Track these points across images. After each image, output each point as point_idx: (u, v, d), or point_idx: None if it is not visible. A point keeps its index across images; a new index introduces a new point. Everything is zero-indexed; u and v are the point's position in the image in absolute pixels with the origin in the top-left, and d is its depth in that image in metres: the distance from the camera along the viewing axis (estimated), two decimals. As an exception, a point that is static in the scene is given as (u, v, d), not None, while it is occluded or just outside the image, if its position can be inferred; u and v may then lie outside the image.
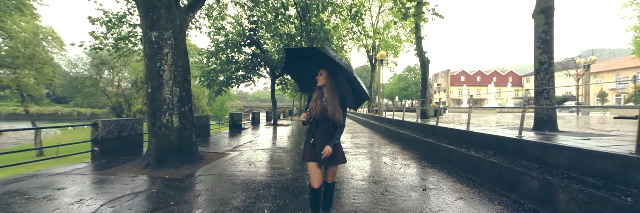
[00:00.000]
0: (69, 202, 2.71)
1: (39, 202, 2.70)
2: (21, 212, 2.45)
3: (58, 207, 2.57)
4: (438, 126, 5.91)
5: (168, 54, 4.17)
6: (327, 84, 1.94)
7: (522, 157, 3.31)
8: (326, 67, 1.94)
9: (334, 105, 1.93)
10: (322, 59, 1.88)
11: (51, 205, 2.63)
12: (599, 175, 2.43)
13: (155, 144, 4.22)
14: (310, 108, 1.99)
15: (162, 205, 2.68)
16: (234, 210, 2.55)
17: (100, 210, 2.51)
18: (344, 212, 2.54)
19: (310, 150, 2.00)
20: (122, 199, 2.82)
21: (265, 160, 4.97)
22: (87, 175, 3.76)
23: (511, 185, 2.98)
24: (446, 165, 4.41)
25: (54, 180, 3.47)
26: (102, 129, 4.73)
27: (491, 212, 2.54)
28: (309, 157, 2.00)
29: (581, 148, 2.70)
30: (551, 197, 2.47)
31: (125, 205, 2.65)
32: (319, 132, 1.98)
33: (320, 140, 1.96)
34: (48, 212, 2.45)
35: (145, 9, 4.04)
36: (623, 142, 3.20)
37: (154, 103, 4.19)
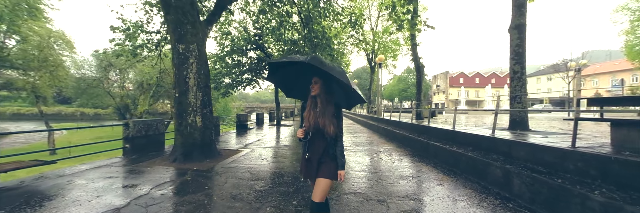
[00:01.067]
0: (125, 186, 3.37)
1: (103, 187, 3.36)
2: (94, 194, 3.12)
3: (121, 190, 3.23)
4: (429, 126, 6.57)
5: (193, 63, 4.84)
6: (321, 94, 1.78)
7: (493, 152, 3.97)
8: (320, 75, 1.76)
9: (328, 118, 1.77)
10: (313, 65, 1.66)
11: (112, 188, 3.29)
12: (546, 164, 3.08)
13: (181, 141, 4.88)
14: (305, 120, 1.84)
15: (199, 189, 3.33)
16: (258, 193, 3.20)
17: (152, 192, 3.16)
18: (345, 193, 3.20)
19: (305, 165, 1.85)
20: (165, 185, 3.48)
21: (274, 156, 5.63)
22: (127, 166, 4.43)
23: (482, 174, 3.64)
24: (433, 160, 5.07)
25: (104, 171, 4.13)
26: (133, 129, 5.39)
27: (462, 194, 3.19)
28: (304, 173, 1.87)
29: (536, 144, 3.35)
30: (509, 181, 3.13)
31: (170, 189, 3.31)
32: (314, 146, 1.83)
33: (316, 155, 1.81)
34: (113, 194, 3.11)
35: (174, 25, 4.71)
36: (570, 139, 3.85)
37: (180, 106, 4.86)
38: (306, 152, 1.83)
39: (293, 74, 1.95)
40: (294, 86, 2.06)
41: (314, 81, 1.78)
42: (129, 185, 3.45)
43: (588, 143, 3.29)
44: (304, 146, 1.86)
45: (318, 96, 1.79)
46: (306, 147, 1.84)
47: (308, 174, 1.84)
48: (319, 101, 1.79)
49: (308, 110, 1.83)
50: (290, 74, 1.95)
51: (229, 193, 3.16)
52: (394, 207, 2.79)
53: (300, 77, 1.93)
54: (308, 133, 1.82)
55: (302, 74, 1.88)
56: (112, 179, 3.71)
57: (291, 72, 1.94)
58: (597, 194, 2.21)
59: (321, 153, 1.80)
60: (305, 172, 1.86)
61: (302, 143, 1.88)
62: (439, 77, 58.78)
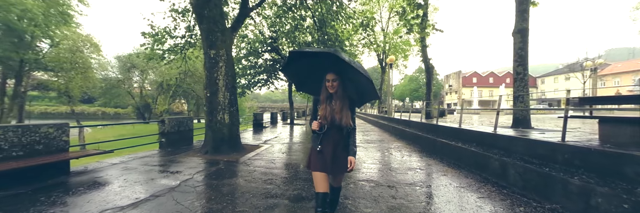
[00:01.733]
0: (171, 172, 3.99)
1: (153, 172, 3.99)
2: (148, 176, 3.73)
3: (169, 175, 3.84)
4: (438, 125, 6.94)
5: (222, 67, 5.44)
6: (339, 90, 1.83)
7: (494, 147, 4.34)
8: (337, 71, 1.80)
9: (345, 111, 1.82)
10: (329, 60, 1.77)
11: (161, 173, 3.90)
12: (539, 157, 3.46)
13: (212, 136, 5.49)
14: (320, 115, 1.87)
15: (233, 175, 3.90)
16: (283, 179, 3.73)
17: (195, 177, 3.75)
18: (359, 180, 3.69)
19: (317, 158, 1.85)
20: (203, 171, 4.07)
21: (293, 150, 6.18)
22: (166, 157, 5.07)
23: (482, 166, 4.03)
24: (440, 155, 5.47)
25: (148, 160, 4.79)
26: (168, 125, 6.06)
27: (463, 183, 3.61)
28: (315, 166, 1.85)
29: (531, 139, 3.73)
30: (505, 172, 3.52)
31: (208, 175, 3.89)
32: (327, 139, 1.86)
33: (329, 148, 1.84)
34: (164, 177, 3.72)
35: (206, 33, 5.33)
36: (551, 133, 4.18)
37: (211, 104, 5.47)
38: (318, 144, 1.84)
39: (308, 68, 1.94)
40: (307, 80, 2.07)
41: (332, 78, 1.80)
42: (174, 171, 4.06)
43: (579, 138, 3.64)
44: (316, 139, 1.88)
45: (335, 92, 1.82)
46: (319, 140, 1.85)
47: (317, 166, 1.83)
48: (336, 96, 1.83)
49: (324, 105, 1.86)
50: (306, 68, 1.95)
51: (260, 179, 3.70)
52: (401, 191, 3.25)
53: (315, 72, 1.92)
54: (324, 125, 1.85)
55: (318, 68, 1.88)
56: (158, 166, 4.34)
57: (307, 66, 1.94)
58: (576, 179, 2.60)
59: (334, 147, 1.84)
60: (314, 164, 1.85)
61: (313, 136, 1.92)
62: (452, 77, 58.02)
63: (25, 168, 3.08)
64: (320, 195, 1.78)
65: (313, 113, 1.97)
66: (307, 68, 1.95)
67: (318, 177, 1.83)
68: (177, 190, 3.14)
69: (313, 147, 1.91)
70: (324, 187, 1.80)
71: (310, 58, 1.89)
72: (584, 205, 2.45)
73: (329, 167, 1.83)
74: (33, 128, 3.47)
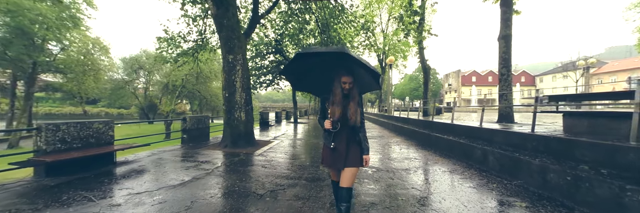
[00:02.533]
0: (201, 161, 4.64)
1: (185, 162, 4.64)
2: (183, 165, 4.39)
3: (200, 164, 4.50)
4: (433, 121, 7.58)
5: (239, 70, 6.09)
6: (353, 90, 1.91)
7: (479, 139, 4.99)
8: (349, 72, 1.88)
9: (357, 110, 1.91)
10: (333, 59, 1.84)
11: (193, 163, 4.55)
12: (513, 145, 4.10)
13: (230, 132, 6.14)
14: (332, 114, 1.91)
15: (254, 164, 4.55)
16: (298, 166, 4.39)
17: (222, 165, 4.40)
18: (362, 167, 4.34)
19: (330, 154, 1.95)
20: (228, 161, 4.72)
21: (301, 145, 6.83)
22: (191, 150, 5.73)
23: (468, 155, 4.68)
24: (434, 148, 6.11)
25: (176, 153, 5.45)
26: (189, 122, 6.71)
27: (451, 168, 4.26)
28: (329, 162, 1.98)
29: (508, 131, 4.37)
30: (485, 159, 4.17)
31: (233, 163, 4.54)
32: (340, 136, 1.93)
33: (342, 145, 1.92)
34: (196, 166, 4.37)
35: (225, 40, 5.97)
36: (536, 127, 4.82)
37: (229, 103, 6.13)
38: (332, 141, 1.91)
39: (308, 67, 1.99)
40: (304, 78, 2.11)
41: (349, 81, 1.86)
42: (203, 161, 4.71)
43: (547, 130, 4.28)
44: (328, 136, 1.95)
45: (350, 90, 1.90)
46: (331, 138, 1.92)
47: (333, 163, 1.94)
48: (350, 96, 1.92)
49: (337, 104, 1.89)
50: (305, 67, 1.99)
51: (278, 166, 4.36)
52: (398, 174, 3.90)
53: (314, 71, 2.00)
54: (337, 124, 1.90)
55: (319, 67, 1.97)
56: (188, 158, 4.99)
57: (307, 65, 1.97)
58: (537, 161, 3.25)
59: (347, 143, 1.91)
60: (330, 161, 1.96)
61: (325, 134, 2.01)
62: (451, 75, 58.57)
63: (84, 158, 3.73)
64: (343, 191, 1.90)
65: (322, 112, 2.02)
66: (307, 67, 1.99)
67: (333, 171, 2.10)
68: (212, 174, 3.79)
69: (326, 145, 1.98)
70: (338, 178, 1.99)
71: (314, 58, 1.91)
72: (541, 180, 3.09)
73: (343, 162, 1.91)
74: (88, 124, 4.13)
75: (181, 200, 2.73)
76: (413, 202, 2.77)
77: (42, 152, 3.51)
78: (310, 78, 2.10)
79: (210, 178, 3.58)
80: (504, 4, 5.74)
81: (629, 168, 2.53)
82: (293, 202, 2.71)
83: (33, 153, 3.60)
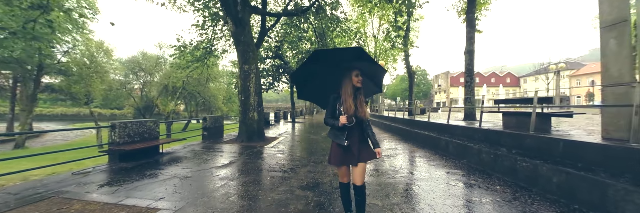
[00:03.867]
0: (228, 151, 5.87)
1: (213, 153, 5.86)
2: (213, 155, 5.61)
3: (228, 153, 5.73)
4: (414, 119, 8.96)
5: (253, 77, 7.32)
6: (363, 86, 2.00)
7: (446, 132, 6.36)
8: (360, 68, 1.96)
9: (365, 106, 2.01)
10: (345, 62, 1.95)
11: (220, 154, 5.77)
12: (467, 137, 5.47)
13: (245, 129, 7.37)
14: (347, 110, 1.93)
15: (270, 153, 5.80)
16: (305, 154, 5.66)
17: (244, 155, 5.63)
18: (355, 154, 5.66)
19: (342, 153, 1.98)
20: (245, 152, 5.95)
21: (303, 139, 8.10)
22: (213, 145, 6.93)
23: (436, 145, 6.04)
24: (413, 141, 7.48)
25: (202, 146, 6.64)
26: (208, 121, 7.90)
27: (422, 155, 5.60)
28: (341, 160, 1.99)
29: (464, 126, 5.75)
30: (447, 147, 5.53)
31: (254, 154, 5.78)
32: (353, 133, 1.97)
33: (355, 141, 1.96)
34: (223, 156, 5.60)
35: (241, 53, 7.20)
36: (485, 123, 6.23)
37: (244, 106, 7.35)
38: (345, 139, 1.92)
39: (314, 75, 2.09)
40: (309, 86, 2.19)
41: (356, 74, 1.95)
42: (228, 151, 5.94)
43: (493, 125, 5.68)
44: (340, 134, 1.97)
45: (360, 88, 1.99)
46: (344, 135, 1.94)
47: (346, 160, 1.97)
48: (360, 91, 2.01)
49: (350, 100, 1.94)
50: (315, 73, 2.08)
51: (289, 154, 5.63)
52: (381, 159, 5.22)
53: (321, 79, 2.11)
54: (352, 119, 1.93)
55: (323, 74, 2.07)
56: (215, 149, 6.20)
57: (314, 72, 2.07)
58: (476, 147, 4.61)
59: (358, 139, 1.97)
60: (342, 159, 1.97)
61: (335, 132, 2.03)
62: (440, 76, 60.65)
63: (144, 148, 4.91)
64: (343, 186, 2.03)
65: (332, 112, 2.02)
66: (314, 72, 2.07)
67: (343, 170, 2.05)
68: (242, 159, 5.04)
69: (338, 143, 1.98)
70: (348, 179, 2.06)
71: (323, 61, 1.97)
72: (477, 159, 4.46)
73: (357, 158, 1.95)
74: (143, 122, 5.30)
75: (233, 173, 3.98)
76: (392, 173, 4.09)
77: (116, 144, 4.69)
78: (313, 85, 2.17)
79: (243, 161, 4.83)
80: (469, 24, 7.16)
81: (528, 149, 3.90)
82: (308, 174, 3.99)
83: (108, 145, 4.77)
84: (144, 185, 3.38)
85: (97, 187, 3.27)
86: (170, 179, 3.66)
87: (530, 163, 3.37)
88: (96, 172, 4.02)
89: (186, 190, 3.20)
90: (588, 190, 2.61)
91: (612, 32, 3.24)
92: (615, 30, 3.19)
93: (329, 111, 2.04)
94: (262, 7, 8.24)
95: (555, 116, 4.60)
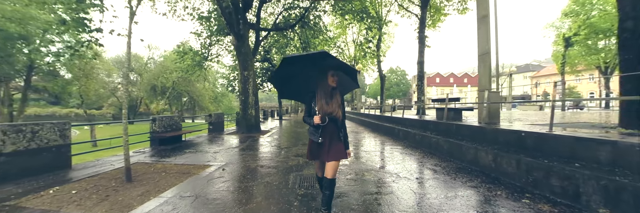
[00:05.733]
0: (234, 139, 7.63)
1: (221, 141, 7.61)
2: (222, 142, 7.36)
3: (235, 140, 7.50)
4: (382, 115, 11.08)
5: (251, 81, 9.08)
6: (338, 86, 2.13)
7: (400, 124, 8.46)
8: (334, 70, 2.08)
9: (340, 106, 2.12)
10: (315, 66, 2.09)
11: (227, 142, 7.53)
12: (411, 126, 7.58)
13: (245, 123, 9.13)
14: (320, 109, 2.06)
15: (266, 141, 7.63)
16: (293, 141, 7.54)
17: (248, 141, 7.42)
18: (332, 140, 7.64)
19: (316, 148, 2.17)
20: (249, 139, 7.74)
21: (290, 132, 9.97)
22: (219, 136, 8.63)
23: (391, 133, 8.12)
24: (379, 131, 9.56)
25: (211, 136, 8.34)
26: (213, 118, 9.57)
27: (384, 140, 7.65)
28: (315, 155, 2.20)
29: (412, 118, 7.88)
30: (398, 134, 7.62)
31: (255, 140, 7.58)
32: (326, 131, 2.11)
33: (328, 139, 2.11)
34: (229, 142, 7.37)
35: (242, 62, 8.93)
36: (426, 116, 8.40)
37: (244, 104, 9.10)
38: (319, 136, 2.10)
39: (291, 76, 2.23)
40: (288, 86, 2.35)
41: (333, 74, 2.08)
42: (235, 138, 7.69)
43: (431, 118, 7.84)
44: (315, 132, 2.14)
45: (336, 88, 2.13)
46: (319, 133, 2.10)
47: (318, 156, 2.18)
48: (335, 91, 2.14)
49: (324, 100, 2.08)
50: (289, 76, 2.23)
51: (282, 140, 7.49)
52: (354, 143, 7.21)
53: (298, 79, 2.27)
54: (325, 118, 2.07)
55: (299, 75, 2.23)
56: (223, 138, 7.93)
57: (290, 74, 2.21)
58: (414, 131, 6.70)
59: (330, 138, 2.12)
60: (316, 155, 2.20)
61: (311, 129, 2.19)
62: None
63: (174, 136, 6.59)
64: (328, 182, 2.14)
65: (308, 111, 2.18)
66: (290, 74, 2.21)
67: (318, 164, 2.32)
68: (248, 143, 6.84)
69: (313, 140, 2.17)
70: (322, 173, 2.24)
71: (297, 63, 2.10)
72: (414, 140, 6.54)
73: (327, 155, 2.11)
74: (172, 117, 6.96)
75: (246, 149, 5.80)
76: (360, 149, 6.07)
77: (156, 132, 6.34)
78: (293, 86, 2.33)
79: (249, 144, 6.64)
80: (420, 41, 9.32)
81: (440, 131, 6.01)
82: (296, 150, 5.87)
83: (149, 133, 6.40)
84: (190, 157, 5.13)
85: (159, 158, 4.99)
86: (204, 154, 5.43)
87: (437, 138, 5.45)
88: (148, 151, 5.69)
89: (219, 158, 4.99)
90: (458, 151, 4.68)
91: (482, 58, 5.37)
92: (482, 58, 5.32)
93: (306, 110, 2.21)
94: (256, 23, 10.00)
95: (464, 110, 6.78)
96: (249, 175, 3.77)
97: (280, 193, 2.96)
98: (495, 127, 4.47)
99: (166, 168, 4.13)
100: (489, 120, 4.96)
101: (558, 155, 3.14)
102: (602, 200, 2.37)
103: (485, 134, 4.47)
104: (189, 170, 3.99)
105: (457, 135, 5.25)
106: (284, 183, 3.34)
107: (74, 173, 3.76)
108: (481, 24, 5.23)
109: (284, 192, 3.03)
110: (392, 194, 2.94)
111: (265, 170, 4.02)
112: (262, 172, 3.91)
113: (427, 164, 4.43)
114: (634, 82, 3.67)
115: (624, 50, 3.83)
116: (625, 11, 3.81)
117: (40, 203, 2.65)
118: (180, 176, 3.66)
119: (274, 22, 11.65)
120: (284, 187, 3.18)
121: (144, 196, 2.87)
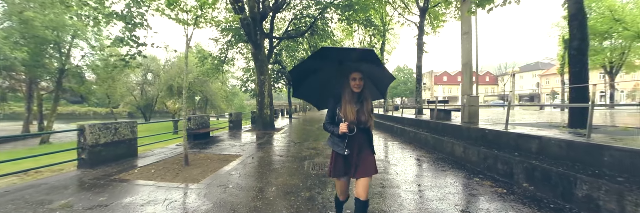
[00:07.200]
0: (254, 135, 8.83)
1: (242, 137, 8.82)
2: (243, 137, 8.57)
3: (254, 136, 8.70)
4: (386, 115, 12.10)
5: (266, 84, 10.26)
6: (365, 90, 1.81)
7: (399, 122, 9.48)
8: (359, 69, 1.76)
9: (370, 113, 1.81)
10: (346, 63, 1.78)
11: (247, 138, 8.74)
12: (409, 124, 8.60)
13: (261, 121, 10.34)
14: (346, 117, 1.74)
15: (281, 136, 8.80)
16: (306, 135, 8.69)
17: (266, 137, 8.61)
18: (338, 136, 8.75)
19: (342, 163, 1.81)
20: (266, 136, 8.92)
21: (301, 129, 11.13)
22: (239, 133, 9.86)
23: (390, 130, 9.16)
24: (380, 129, 10.60)
25: (232, 133, 9.58)
26: (233, 116, 10.82)
27: (382, 136, 8.71)
28: (339, 172, 1.82)
29: (409, 118, 8.90)
30: (396, 131, 8.66)
31: (271, 137, 8.75)
32: (353, 141, 1.78)
33: (356, 151, 1.79)
34: (250, 137, 8.57)
35: (258, 68, 10.10)
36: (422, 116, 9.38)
37: (261, 104, 10.29)
38: (345, 148, 1.76)
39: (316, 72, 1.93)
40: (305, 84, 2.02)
41: (359, 77, 1.75)
42: (254, 135, 8.89)
43: (427, 117, 8.84)
44: (339, 142, 1.80)
45: (361, 91, 1.79)
46: (344, 144, 1.77)
47: (346, 171, 1.81)
48: (363, 96, 1.81)
49: (350, 105, 1.76)
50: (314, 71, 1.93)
51: (295, 136, 8.64)
52: (354, 138, 8.30)
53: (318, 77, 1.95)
54: (353, 127, 1.75)
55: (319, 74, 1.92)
56: (241, 135, 9.14)
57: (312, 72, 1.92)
58: (410, 129, 7.73)
59: (359, 149, 1.80)
60: (343, 171, 1.81)
61: (334, 139, 1.86)
62: (426, 75, 64.35)
63: (204, 133, 7.81)
64: (340, 203, 1.93)
65: (331, 117, 1.87)
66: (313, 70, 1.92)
67: (342, 184, 1.90)
68: (266, 138, 8.01)
69: (337, 153, 1.82)
70: (345, 194, 1.92)
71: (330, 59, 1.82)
72: (408, 137, 7.57)
73: (356, 170, 1.78)
74: (203, 116, 8.20)
75: (266, 144, 6.97)
76: (356, 144, 7.17)
77: (191, 129, 7.58)
78: (312, 83, 2.01)
79: (268, 139, 7.82)
80: (418, 48, 10.27)
81: (430, 128, 7.02)
82: (309, 144, 7.00)
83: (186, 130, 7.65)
84: (221, 149, 6.33)
85: (199, 149, 6.21)
86: (233, 146, 6.62)
87: (425, 135, 6.49)
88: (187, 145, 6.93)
89: (246, 150, 6.17)
90: (440, 145, 5.69)
91: (464, 68, 6.34)
92: (465, 67, 6.29)
93: (328, 116, 1.89)
94: (270, 31, 11.14)
95: (454, 111, 7.77)
96: (272, 161, 4.93)
97: (299, 173, 4.10)
98: (470, 125, 5.48)
99: (209, 157, 5.33)
100: (468, 120, 5.96)
101: (508, 147, 4.16)
102: (525, 177, 3.40)
103: (461, 131, 5.49)
104: (227, 158, 5.18)
105: (442, 132, 6.27)
106: (300, 167, 4.48)
107: (142, 160, 4.99)
108: (464, 39, 6.20)
109: (301, 171, 4.16)
110: (387, 174, 4.03)
111: (284, 159, 5.17)
112: (282, 160, 5.06)
113: (415, 155, 5.49)
114: (577, 92, 4.65)
115: (572, 64, 4.79)
116: (573, 33, 4.75)
117: (135, 178, 3.86)
118: (222, 162, 4.85)
119: (285, 29, 12.77)
120: (301, 169, 4.32)
121: (203, 173, 4.05)
